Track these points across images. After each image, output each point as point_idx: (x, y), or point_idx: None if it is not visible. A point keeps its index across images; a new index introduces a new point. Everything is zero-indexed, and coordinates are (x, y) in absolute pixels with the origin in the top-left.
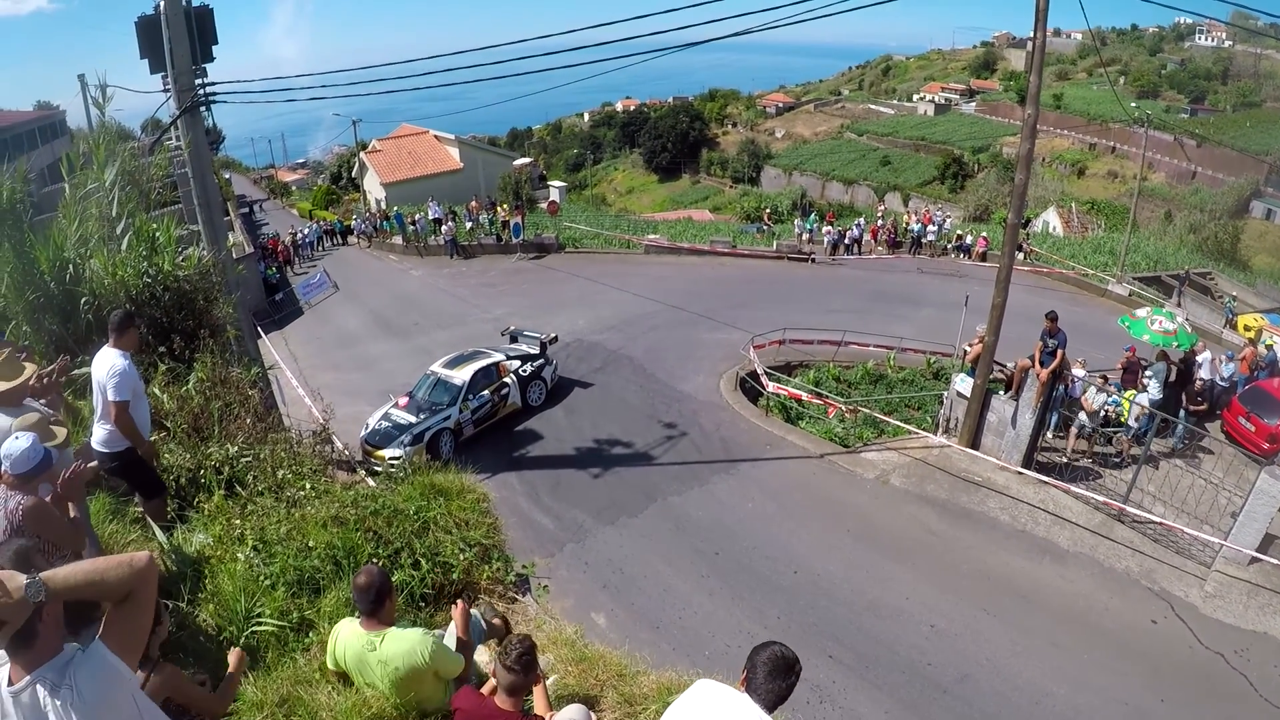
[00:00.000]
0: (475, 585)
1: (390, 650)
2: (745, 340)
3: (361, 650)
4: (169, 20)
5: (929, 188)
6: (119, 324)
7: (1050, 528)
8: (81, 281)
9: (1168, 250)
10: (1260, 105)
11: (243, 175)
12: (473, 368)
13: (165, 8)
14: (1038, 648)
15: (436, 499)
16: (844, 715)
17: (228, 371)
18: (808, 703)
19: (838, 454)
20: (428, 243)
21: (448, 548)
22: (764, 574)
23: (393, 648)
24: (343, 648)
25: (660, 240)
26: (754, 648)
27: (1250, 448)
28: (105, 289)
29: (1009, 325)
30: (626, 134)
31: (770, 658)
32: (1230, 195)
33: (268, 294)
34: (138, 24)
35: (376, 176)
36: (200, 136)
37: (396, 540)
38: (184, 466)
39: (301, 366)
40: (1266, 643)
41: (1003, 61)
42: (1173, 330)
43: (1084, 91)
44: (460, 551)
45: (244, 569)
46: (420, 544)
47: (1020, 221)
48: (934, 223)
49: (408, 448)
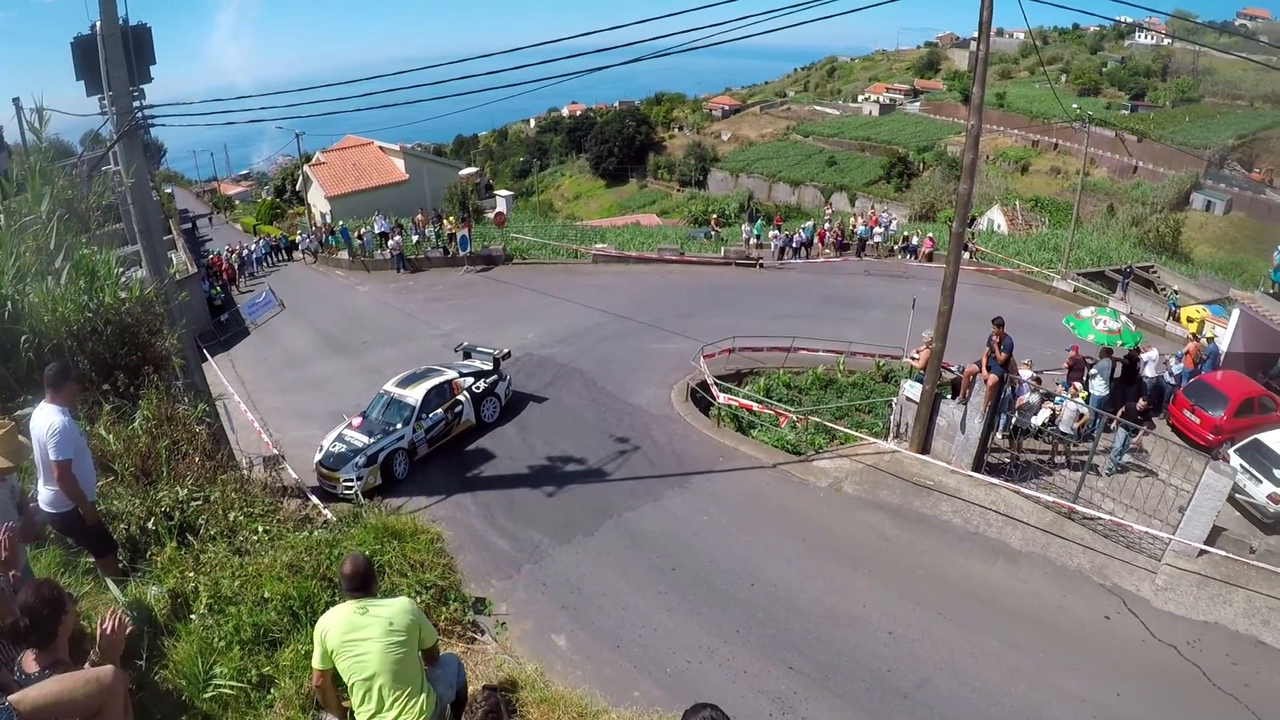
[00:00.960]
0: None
1: (386, 610)
2: (695, 349)
3: (353, 616)
4: (105, 41)
5: (875, 187)
6: (54, 379)
7: (1002, 529)
8: (20, 319)
9: (1111, 245)
10: (1199, 101)
11: (185, 189)
12: (425, 386)
13: (102, 28)
14: (995, 649)
15: (390, 542)
16: None
17: (174, 408)
18: (770, 715)
19: (790, 463)
20: (374, 257)
21: (404, 590)
22: (721, 587)
23: (388, 607)
24: (331, 627)
25: (608, 249)
26: (685, 713)
27: (1196, 439)
28: (45, 325)
29: (957, 324)
30: (573, 139)
31: None
32: (1171, 188)
33: (213, 315)
34: (74, 45)
35: (321, 190)
36: (140, 161)
37: None
38: (134, 514)
39: (250, 390)
40: (1217, 633)
41: (946, 61)
42: (1117, 329)
43: (1026, 90)
44: (417, 594)
45: (199, 628)
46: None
47: (964, 231)
48: (880, 224)
49: (362, 469)
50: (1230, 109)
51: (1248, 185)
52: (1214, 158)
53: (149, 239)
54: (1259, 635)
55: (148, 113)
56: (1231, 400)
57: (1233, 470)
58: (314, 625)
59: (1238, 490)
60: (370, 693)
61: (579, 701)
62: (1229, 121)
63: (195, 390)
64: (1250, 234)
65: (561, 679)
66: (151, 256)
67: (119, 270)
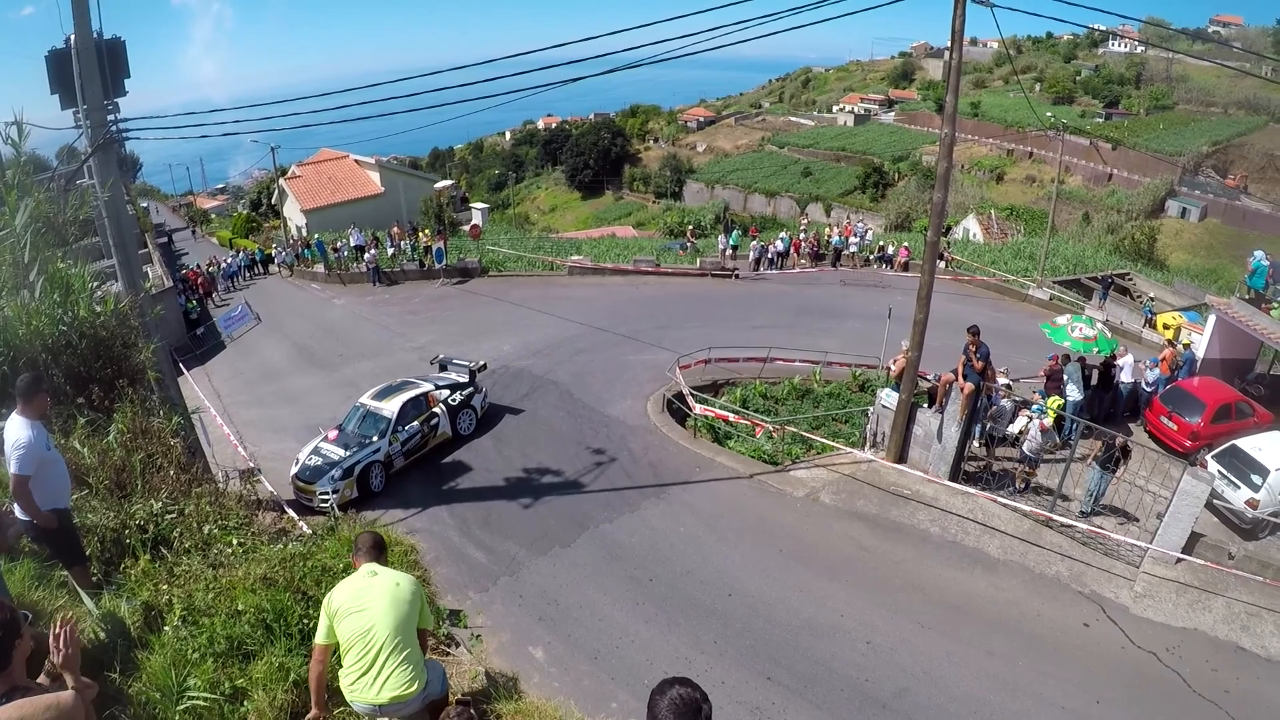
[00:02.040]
0: None
1: (395, 575)
2: (671, 360)
3: (363, 580)
4: (79, 54)
5: (850, 197)
6: (26, 391)
7: (980, 537)
8: None
9: (1086, 252)
10: (1172, 108)
11: (161, 203)
12: (401, 399)
13: (76, 41)
14: (973, 657)
15: None
16: None
17: (149, 421)
18: None
19: (767, 473)
20: (350, 270)
21: None
22: (699, 598)
23: (398, 574)
24: (339, 592)
25: (584, 261)
26: (653, 691)
27: (1173, 446)
28: (19, 339)
29: (933, 333)
30: (549, 152)
31: (672, 703)
32: (1146, 196)
33: (189, 328)
34: (48, 58)
35: (296, 203)
36: (115, 175)
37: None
38: (108, 527)
39: (225, 403)
40: (1196, 639)
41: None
42: (1092, 336)
43: (1000, 99)
44: None
45: (172, 640)
46: None
47: (939, 240)
48: (855, 234)
49: (339, 482)
50: (1204, 116)
51: (1222, 192)
52: (1188, 165)
53: (124, 253)
54: (1238, 641)
55: (122, 126)
56: (1208, 406)
57: (1211, 476)
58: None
59: (1215, 496)
60: (366, 652)
61: (555, 713)
62: (1203, 128)
63: (170, 404)
64: (1225, 240)
65: (539, 691)
66: (127, 270)
67: (94, 284)
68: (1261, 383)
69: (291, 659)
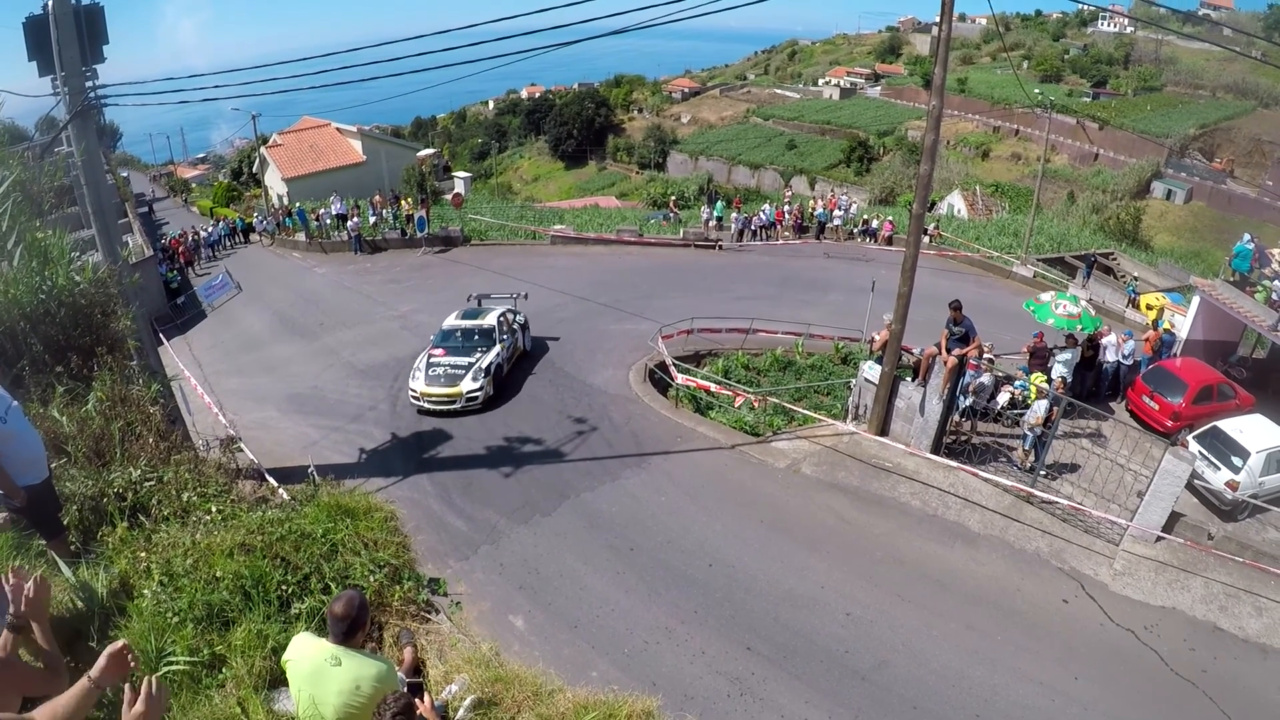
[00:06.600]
0: (387, 606)
1: (362, 672)
2: (653, 330)
3: (322, 663)
4: (57, 20)
5: (835, 171)
6: None
7: (961, 511)
8: None
9: (1071, 231)
10: (1160, 89)
11: (141, 172)
12: (495, 314)
13: (54, 7)
14: (953, 631)
15: (343, 520)
16: (764, 707)
17: (128, 389)
18: (727, 696)
19: (748, 444)
20: (331, 239)
21: (357, 570)
22: (679, 568)
23: (364, 670)
24: (297, 663)
25: (566, 230)
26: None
27: (1154, 426)
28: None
29: (916, 308)
30: (532, 121)
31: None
32: (1131, 176)
33: (169, 297)
34: (26, 25)
35: (278, 172)
36: (93, 142)
37: (305, 565)
38: (86, 495)
39: (206, 372)
40: (1174, 617)
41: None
42: (1076, 314)
43: (988, 76)
44: (370, 573)
45: (151, 605)
46: (329, 568)
47: (925, 212)
48: (840, 208)
49: (483, 378)
50: (1192, 99)
51: (1208, 175)
52: (1175, 147)
53: (103, 221)
54: (1216, 621)
55: (101, 93)
56: (1191, 387)
57: (1192, 456)
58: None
59: (1196, 477)
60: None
61: (534, 680)
62: (1191, 111)
63: (150, 372)
64: (1210, 223)
65: (519, 659)
66: (106, 238)
67: (74, 253)
68: (1244, 365)
69: (270, 626)
